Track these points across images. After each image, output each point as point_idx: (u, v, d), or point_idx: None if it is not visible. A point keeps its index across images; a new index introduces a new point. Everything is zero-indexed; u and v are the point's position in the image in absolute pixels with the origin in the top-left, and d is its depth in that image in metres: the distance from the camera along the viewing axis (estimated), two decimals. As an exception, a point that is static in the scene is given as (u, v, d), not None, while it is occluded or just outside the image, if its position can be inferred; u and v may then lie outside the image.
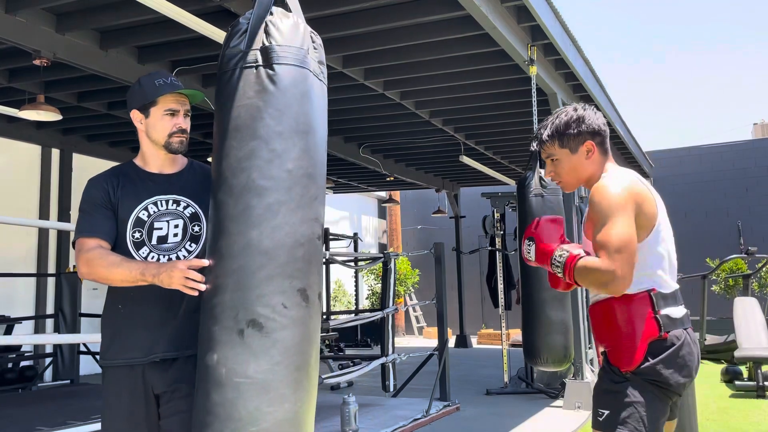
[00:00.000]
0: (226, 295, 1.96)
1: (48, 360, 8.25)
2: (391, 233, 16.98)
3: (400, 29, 5.79)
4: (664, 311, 2.15)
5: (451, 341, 12.57)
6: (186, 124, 2.35)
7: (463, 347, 12.93)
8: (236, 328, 1.93)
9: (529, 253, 2.33)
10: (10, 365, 7.76)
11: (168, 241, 2.28)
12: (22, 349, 8.10)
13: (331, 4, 5.10)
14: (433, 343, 8.51)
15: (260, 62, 2.04)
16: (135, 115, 2.39)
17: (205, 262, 2.03)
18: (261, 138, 2.00)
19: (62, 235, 8.96)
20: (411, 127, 8.97)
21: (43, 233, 8.84)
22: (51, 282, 8.68)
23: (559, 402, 6.85)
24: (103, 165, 9.44)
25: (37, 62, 5.22)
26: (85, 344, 8.09)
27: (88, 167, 9.32)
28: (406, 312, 15.85)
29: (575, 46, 6.85)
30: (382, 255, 7.40)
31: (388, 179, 12.03)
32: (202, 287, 2.03)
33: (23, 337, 7.52)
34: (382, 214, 17.59)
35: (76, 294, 7.85)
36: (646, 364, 2.12)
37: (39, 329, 8.59)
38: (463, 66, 6.63)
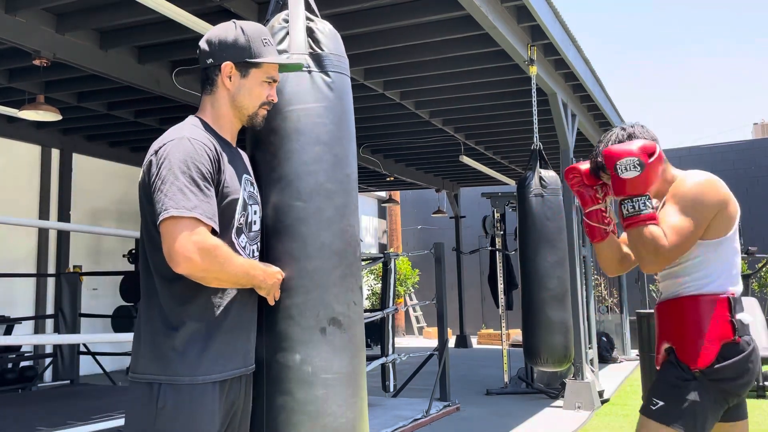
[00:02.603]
0: (304, 296, 1.99)
1: (48, 360, 8.24)
2: (391, 233, 16.98)
3: (400, 29, 5.79)
4: (738, 316, 2.22)
5: (451, 341, 12.56)
6: (276, 97, 2.02)
7: (463, 347, 12.93)
8: (318, 327, 1.98)
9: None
10: (10, 365, 7.76)
11: (252, 229, 1.96)
12: (22, 350, 8.10)
13: (331, 5, 5.09)
14: (433, 343, 8.51)
15: (313, 68, 2.10)
16: (227, 69, 1.92)
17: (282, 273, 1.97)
18: (325, 143, 2.06)
19: (62, 235, 8.96)
20: (411, 127, 8.97)
21: (43, 233, 8.83)
22: (51, 282, 8.67)
23: (559, 402, 6.85)
24: (103, 165, 9.53)
25: (37, 62, 5.21)
26: (85, 344, 8.08)
27: (88, 167, 9.34)
28: (406, 312, 15.84)
29: (575, 46, 6.85)
30: (382, 255, 7.39)
31: (388, 179, 12.03)
32: (278, 296, 1.97)
33: (23, 337, 7.52)
34: (382, 214, 17.59)
35: (76, 294, 7.84)
36: (717, 365, 2.17)
37: (39, 329, 8.59)
38: (463, 66, 6.63)
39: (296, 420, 1.94)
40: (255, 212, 1.96)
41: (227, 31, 1.95)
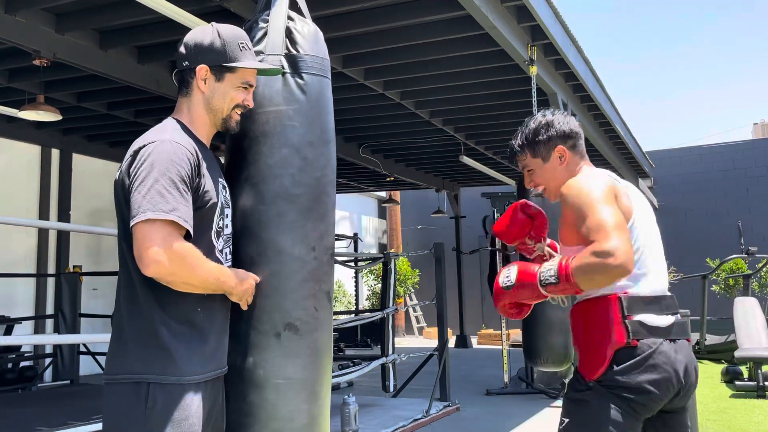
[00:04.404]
0: (261, 300, 1.98)
1: (48, 360, 8.25)
2: (391, 233, 16.97)
3: (400, 29, 5.78)
4: (637, 317, 1.98)
5: (451, 341, 12.56)
6: (252, 102, 2.01)
7: (463, 347, 12.93)
8: (273, 332, 1.98)
9: (509, 277, 2.20)
10: (10, 365, 7.76)
11: (226, 232, 1.96)
12: (22, 350, 8.10)
13: (331, 4, 5.09)
14: (433, 343, 8.52)
15: (287, 69, 2.07)
16: (202, 72, 1.92)
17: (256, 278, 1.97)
18: (293, 146, 2.04)
19: (62, 235, 8.96)
20: (411, 127, 8.97)
21: (43, 233, 8.83)
22: (51, 282, 8.67)
23: (559, 402, 6.85)
24: (102, 165, 9.52)
25: (37, 62, 5.21)
26: (85, 344, 8.08)
27: (88, 167, 9.34)
28: (406, 312, 15.84)
29: (575, 46, 6.84)
30: (382, 255, 7.39)
31: (388, 179, 12.03)
32: (251, 301, 1.96)
33: (23, 337, 7.52)
34: (382, 214, 17.59)
35: (75, 294, 7.84)
36: (609, 372, 1.96)
37: (39, 329, 8.59)
38: (463, 66, 6.62)
39: (245, 422, 1.95)
40: (227, 215, 1.96)
41: (204, 34, 1.94)
